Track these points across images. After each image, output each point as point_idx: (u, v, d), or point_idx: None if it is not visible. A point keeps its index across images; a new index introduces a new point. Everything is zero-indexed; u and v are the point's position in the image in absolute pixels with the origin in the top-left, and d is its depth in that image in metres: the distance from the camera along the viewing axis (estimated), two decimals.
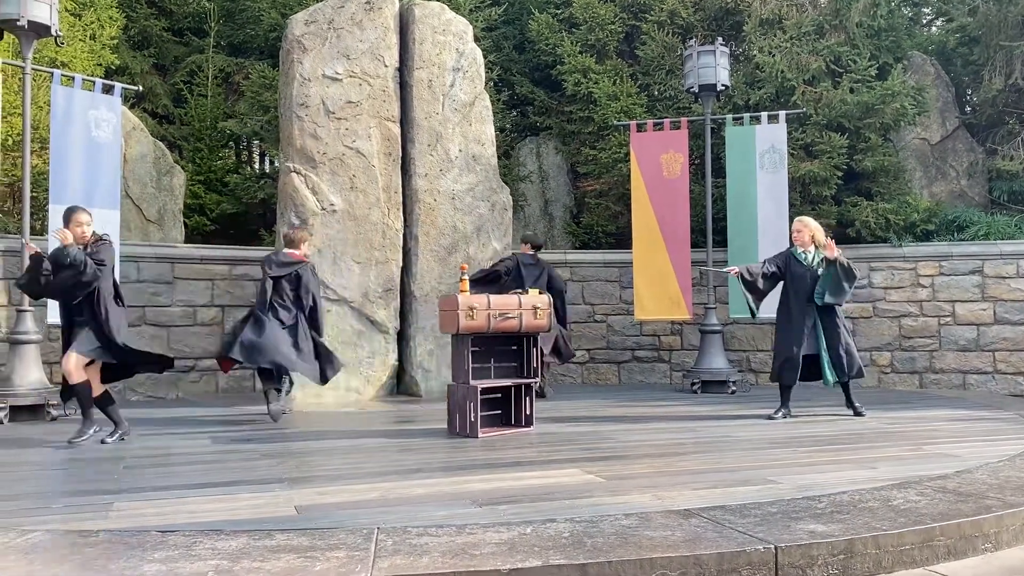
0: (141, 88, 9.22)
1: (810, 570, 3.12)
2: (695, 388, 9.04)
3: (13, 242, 7.87)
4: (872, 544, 3.24)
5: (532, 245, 9.05)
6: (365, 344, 8.54)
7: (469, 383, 6.01)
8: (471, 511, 3.73)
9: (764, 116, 9.54)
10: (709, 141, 9.59)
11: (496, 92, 11.34)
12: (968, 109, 12.09)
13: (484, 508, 3.79)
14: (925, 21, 13.35)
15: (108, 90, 8.02)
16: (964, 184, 11.26)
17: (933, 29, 13.14)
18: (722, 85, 9.45)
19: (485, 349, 6.22)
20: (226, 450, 5.55)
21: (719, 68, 9.34)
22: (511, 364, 6.40)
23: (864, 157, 10.33)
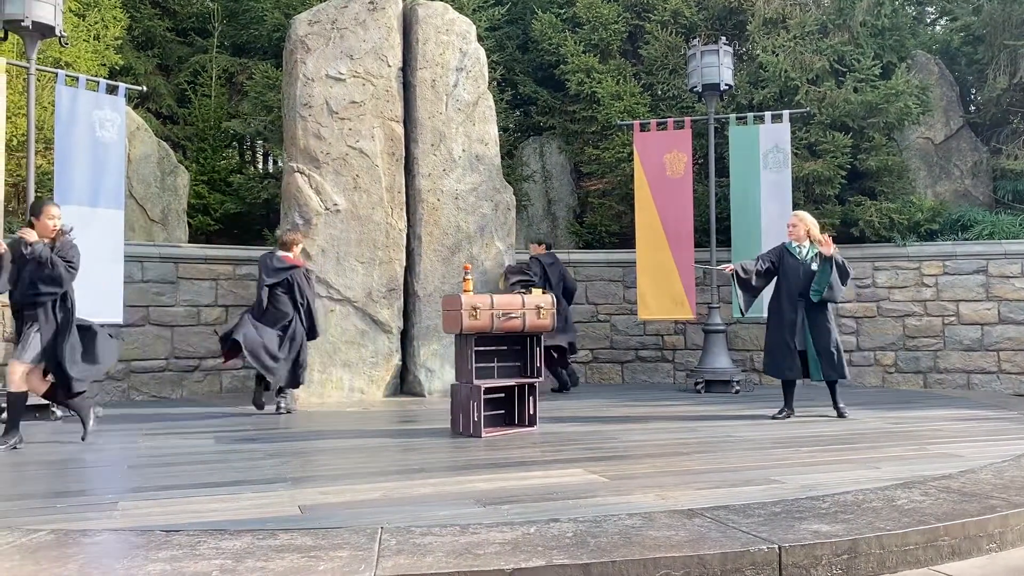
0: (145, 88, 9.22)
1: (814, 570, 3.12)
2: (699, 388, 9.04)
3: None
4: (876, 544, 3.24)
5: (546, 245, 9.38)
6: (368, 344, 8.55)
7: (472, 383, 6.02)
8: (475, 511, 3.74)
9: (768, 116, 9.53)
10: (713, 141, 9.57)
11: (499, 92, 11.34)
12: (972, 108, 12.05)
13: (488, 508, 3.79)
14: (929, 20, 13.31)
15: (112, 90, 8.03)
16: (968, 183, 11.23)
17: (937, 28, 13.11)
18: (726, 84, 9.43)
19: (488, 349, 6.23)
20: (230, 450, 5.57)
21: (723, 67, 9.33)
22: (514, 364, 6.41)
23: (868, 156, 10.31)
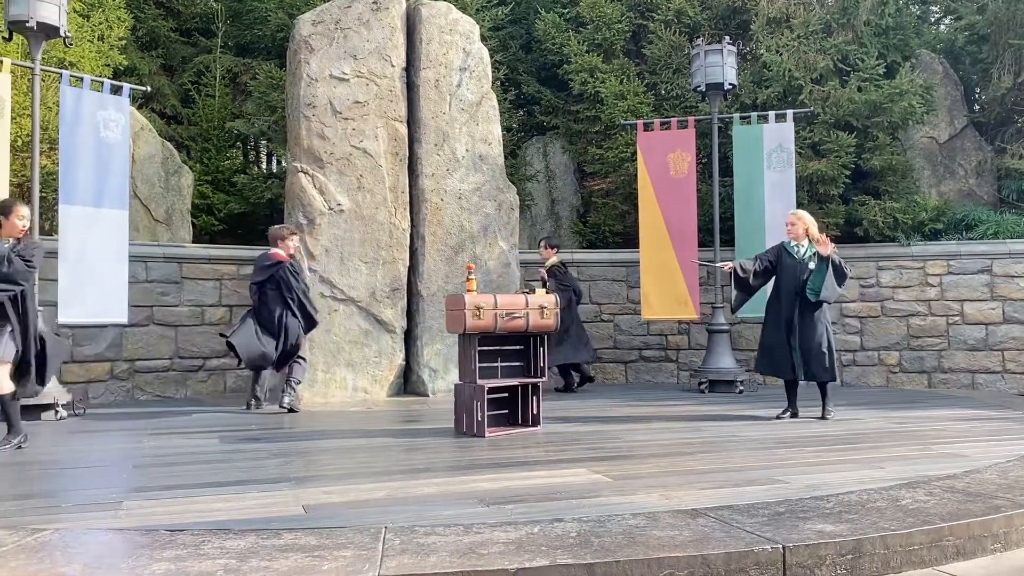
0: (149, 88, 9.24)
1: (818, 570, 3.12)
2: (702, 388, 9.03)
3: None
4: (880, 544, 3.24)
5: (556, 248, 9.69)
6: (372, 344, 8.56)
7: (476, 382, 6.02)
8: (478, 510, 3.74)
9: (772, 115, 9.52)
10: (716, 140, 9.56)
11: (503, 92, 11.34)
12: (977, 107, 12.03)
13: (491, 507, 3.80)
14: (933, 19, 13.28)
15: (116, 91, 8.05)
16: (973, 183, 11.21)
17: (941, 27, 13.08)
18: (729, 84, 9.42)
19: (492, 349, 6.23)
20: (234, 449, 5.57)
21: (726, 67, 9.32)
22: (518, 364, 6.41)
23: (872, 156, 10.30)
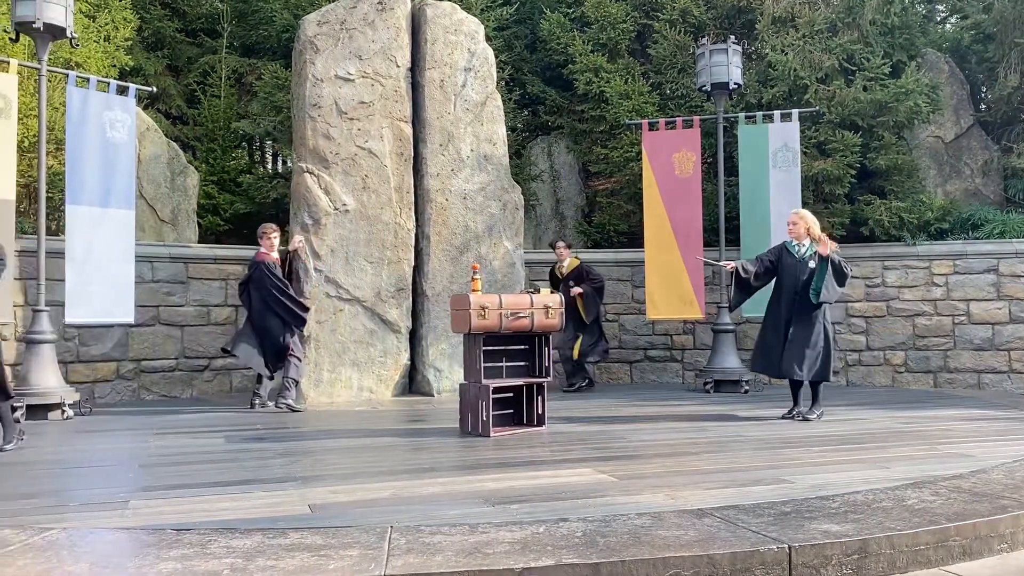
0: (155, 89, 9.27)
1: (824, 570, 3.11)
2: (708, 387, 9.02)
3: (29, 242, 7.94)
4: (886, 544, 3.23)
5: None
6: (377, 343, 8.57)
7: (481, 382, 6.02)
8: (484, 510, 3.74)
9: (777, 114, 9.50)
10: (722, 140, 9.55)
11: (507, 91, 11.34)
12: (983, 107, 11.99)
13: (497, 507, 3.80)
14: (939, 18, 13.25)
15: (122, 91, 8.07)
16: (979, 182, 11.18)
17: (947, 26, 13.04)
18: (734, 83, 9.40)
19: (497, 348, 6.23)
20: (240, 449, 5.59)
21: (731, 66, 9.30)
22: (523, 363, 6.41)
23: (878, 155, 10.27)
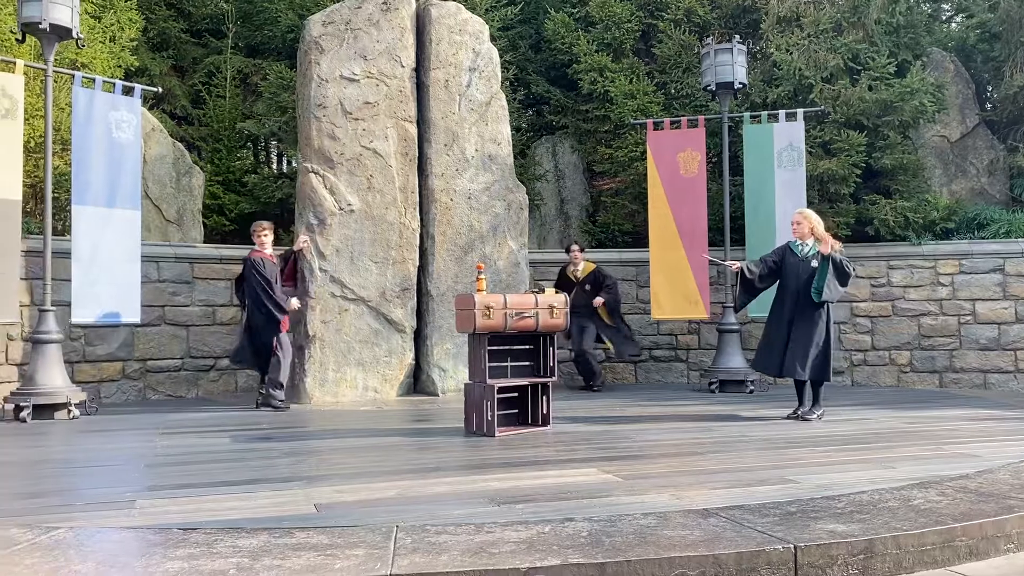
0: (160, 89, 9.29)
1: (830, 570, 3.11)
2: (713, 387, 9.01)
3: (36, 242, 7.96)
4: (892, 544, 3.23)
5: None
6: (382, 343, 8.58)
7: (486, 382, 6.02)
8: (489, 510, 3.75)
9: (782, 114, 9.48)
10: (727, 139, 9.54)
11: (512, 91, 11.34)
12: (988, 106, 11.95)
13: (502, 507, 3.80)
14: (945, 17, 13.21)
15: (128, 91, 8.10)
16: (984, 182, 11.15)
17: (953, 25, 13.01)
18: (739, 83, 9.39)
19: (502, 348, 6.24)
20: (246, 449, 5.60)
21: (736, 66, 9.29)
22: (527, 363, 6.42)
23: (883, 155, 10.25)
